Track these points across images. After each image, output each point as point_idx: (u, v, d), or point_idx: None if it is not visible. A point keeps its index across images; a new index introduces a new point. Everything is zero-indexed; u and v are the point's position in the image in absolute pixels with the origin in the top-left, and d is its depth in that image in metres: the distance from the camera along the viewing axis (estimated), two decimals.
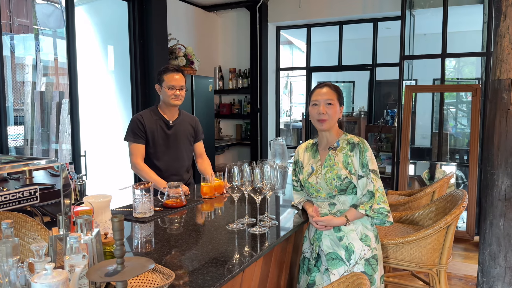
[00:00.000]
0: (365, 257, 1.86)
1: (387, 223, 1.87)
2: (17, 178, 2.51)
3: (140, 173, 2.61)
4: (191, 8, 5.57)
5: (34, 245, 1.06)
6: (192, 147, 2.90)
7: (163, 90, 2.66)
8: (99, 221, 1.62)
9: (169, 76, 2.64)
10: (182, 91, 2.68)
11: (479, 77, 6.47)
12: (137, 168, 2.62)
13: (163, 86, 2.66)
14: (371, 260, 1.87)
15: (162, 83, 2.66)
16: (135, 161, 2.62)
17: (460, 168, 5.38)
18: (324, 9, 5.42)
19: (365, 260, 1.86)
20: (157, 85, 2.72)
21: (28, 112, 4.71)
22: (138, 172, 2.63)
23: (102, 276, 1.02)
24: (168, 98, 2.66)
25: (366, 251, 1.86)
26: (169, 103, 2.68)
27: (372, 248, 1.88)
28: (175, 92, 2.64)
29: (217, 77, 6.00)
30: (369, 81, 5.92)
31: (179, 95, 2.66)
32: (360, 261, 1.85)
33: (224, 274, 1.39)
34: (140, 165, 2.62)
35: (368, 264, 1.86)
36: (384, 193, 1.86)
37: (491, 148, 2.80)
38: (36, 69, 4.94)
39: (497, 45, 2.75)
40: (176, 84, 2.64)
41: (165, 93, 2.65)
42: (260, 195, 1.89)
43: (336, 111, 1.96)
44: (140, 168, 2.60)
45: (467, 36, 6.02)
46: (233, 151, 6.28)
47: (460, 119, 7.80)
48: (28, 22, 5.63)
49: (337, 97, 1.98)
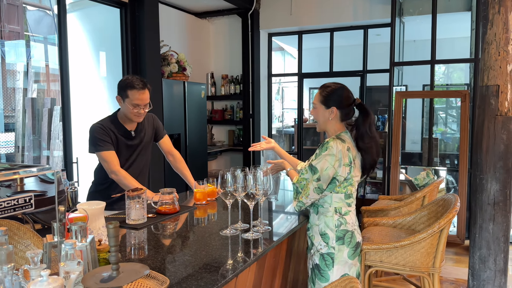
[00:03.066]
0: (321, 251, 2.03)
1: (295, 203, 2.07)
2: (8, 186, 2.50)
3: (123, 181, 2.40)
4: (183, 15, 5.60)
5: (29, 252, 1.06)
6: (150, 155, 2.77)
7: (126, 106, 2.47)
8: (92, 228, 1.62)
9: (134, 94, 2.43)
10: (146, 110, 2.51)
11: (468, 83, 6.57)
12: (119, 175, 2.41)
13: (125, 101, 2.46)
14: (325, 256, 2.02)
15: (125, 98, 2.46)
16: (115, 168, 2.43)
17: (450, 172, 5.44)
18: (315, 16, 5.48)
19: (320, 254, 2.03)
20: (118, 96, 2.50)
21: (19, 119, 4.68)
22: (119, 180, 2.42)
23: (97, 283, 1.03)
24: (130, 115, 2.49)
25: (323, 246, 2.03)
26: (129, 119, 2.53)
27: (329, 246, 2.01)
28: (139, 110, 2.47)
29: (210, 83, 6.02)
30: (360, 87, 5.98)
31: (142, 114, 2.51)
32: (316, 253, 2.04)
33: (217, 279, 1.40)
34: (121, 172, 2.43)
35: (322, 259, 2.03)
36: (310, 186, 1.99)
37: (480, 153, 2.85)
38: (27, 75, 4.92)
39: (484, 52, 2.82)
40: (141, 103, 2.46)
41: (128, 109, 2.47)
42: (253, 200, 1.90)
43: (318, 113, 2.08)
44: (123, 176, 2.42)
45: (456, 42, 6.12)
46: (225, 157, 6.29)
47: (450, 124, 7.89)
48: (19, 28, 5.61)
49: (320, 99, 2.07)
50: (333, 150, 1.95)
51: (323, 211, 2.05)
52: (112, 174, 2.45)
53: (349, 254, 2.02)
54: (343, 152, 1.97)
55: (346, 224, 2.03)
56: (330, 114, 2.05)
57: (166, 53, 4.83)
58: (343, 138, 2.02)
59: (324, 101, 2.06)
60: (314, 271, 2.04)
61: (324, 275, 2.00)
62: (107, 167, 2.46)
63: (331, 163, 1.95)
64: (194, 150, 5.07)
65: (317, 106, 2.08)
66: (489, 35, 2.77)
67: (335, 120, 2.07)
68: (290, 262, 2.22)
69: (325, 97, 2.06)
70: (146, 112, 2.54)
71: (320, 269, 2.02)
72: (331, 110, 2.04)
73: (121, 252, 1.71)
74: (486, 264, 2.85)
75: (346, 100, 2.06)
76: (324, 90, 2.08)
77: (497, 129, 2.77)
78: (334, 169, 1.96)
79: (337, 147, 1.96)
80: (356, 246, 2.06)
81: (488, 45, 2.78)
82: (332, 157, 1.95)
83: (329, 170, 1.95)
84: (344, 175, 1.98)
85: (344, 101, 2.05)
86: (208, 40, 6.14)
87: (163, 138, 2.81)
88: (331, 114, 2.04)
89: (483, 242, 2.84)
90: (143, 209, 2.10)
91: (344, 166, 1.97)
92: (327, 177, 1.96)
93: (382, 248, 2.20)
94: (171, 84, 4.68)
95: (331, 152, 1.95)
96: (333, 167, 1.95)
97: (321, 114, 2.08)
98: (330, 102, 2.05)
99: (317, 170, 1.96)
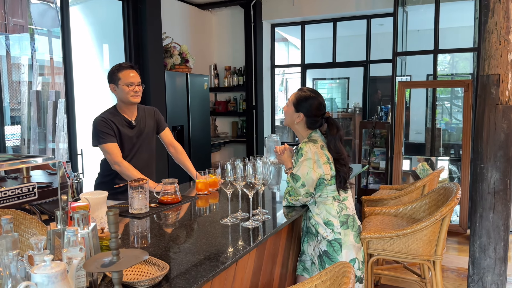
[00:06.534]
0: (327, 238, 2.09)
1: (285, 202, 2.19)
2: (15, 177, 2.55)
3: (126, 172, 2.45)
4: (186, 6, 5.61)
5: (33, 238, 1.10)
6: (155, 149, 2.81)
7: (120, 89, 2.52)
8: (95, 217, 1.67)
9: (125, 73, 2.51)
10: (140, 87, 2.57)
11: (472, 72, 6.53)
12: (121, 166, 2.46)
13: (119, 85, 2.52)
14: (333, 242, 2.09)
15: (117, 81, 2.52)
16: (117, 159, 2.47)
17: (454, 163, 5.44)
18: (318, 6, 5.47)
19: (327, 241, 2.10)
20: (111, 85, 2.56)
21: (24, 112, 4.74)
22: (122, 171, 2.47)
23: (98, 267, 1.07)
24: (127, 96, 2.53)
25: (329, 233, 2.10)
26: (128, 101, 2.55)
27: (335, 232, 2.08)
28: (134, 88, 2.52)
29: (212, 75, 6.04)
30: (363, 78, 5.97)
31: (138, 92, 2.55)
32: (323, 240, 2.11)
33: (217, 265, 1.44)
34: (124, 163, 2.48)
35: (330, 245, 2.09)
36: (299, 191, 2.08)
37: (480, 143, 2.86)
38: (32, 68, 4.96)
39: (485, 41, 2.81)
40: (134, 80, 2.52)
41: (123, 91, 2.52)
42: (253, 190, 1.94)
43: (288, 112, 2.21)
44: (125, 167, 2.47)
45: (459, 31, 6.08)
46: (229, 148, 6.33)
47: (455, 114, 7.86)
48: (23, 22, 5.64)
49: (293, 101, 2.18)
50: (309, 154, 2.06)
51: (322, 200, 2.12)
52: (115, 165, 2.49)
53: (354, 237, 2.12)
54: (318, 152, 2.07)
55: (347, 209, 2.13)
56: (297, 118, 2.17)
57: (168, 45, 4.85)
58: (314, 138, 2.13)
59: (296, 104, 2.17)
60: (323, 258, 2.10)
61: (334, 260, 2.07)
62: (110, 159, 2.51)
63: (310, 167, 2.04)
64: (198, 142, 5.11)
65: (289, 105, 2.21)
66: (490, 24, 2.76)
67: (300, 125, 2.19)
68: (290, 251, 2.26)
69: (297, 100, 2.17)
70: (141, 90, 2.59)
71: (329, 255, 2.08)
72: (299, 115, 2.16)
73: (124, 241, 1.75)
74: (486, 253, 2.87)
75: (315, 110, 2.14)
76: (299, 93, 2.18)
77: (498, 118, 2.77)
78: (315, 171, 2.04)
79: (311, 150, 2.06)
80: (358, 230, 2.17)
81: (489, 34, 2.77)
82: (309, 161, 2.05)
83: (311, 174, 2.04)
84: (328, 172, 2.08)
85: (313, 111, 2.14)
86: (210, 31, 6.14)
87: (164, 130, 2.84)
88: (298, 118, 2.16)
89: (483, 230, 2.85)
90: (145, 199, 2.14)
91: (324, 165, 2.07)
92: (311, 181, 2.05)
93: (385, 236, 2.23)
94: (174, 76, 4.70)
95: (307, 156, 2.05)
96: (313, 170, 2.04)
97: (290, 114, 2.20)
98: (299, 107, 2.16)
99: (299, 177, 2.06)
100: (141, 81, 2.59)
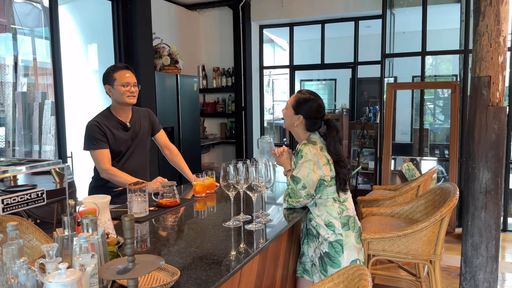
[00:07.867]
0: (329, 240, 2.10)
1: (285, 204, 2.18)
2: (1, 180, 2.47)
3: (115, 178, 2.42)
4: (174, 7, 5.56)
5: (45, 246, 1.07)
6: (148, 151, 2.77)
7: (116, 89, 2.48)
8: (98, 222, 1.63)
9: (121, 74, 2.48)
10: (136, 88, 2.53)
11: (456, 74, 6.66)
12: (110, 173, 2.43)
13: (115, 85, 2.47)
14: (334, 244, 2.08)
15: (113, 82, 2.48)
16: (105, 166, 2.44)
17: (440, 162, 5.54)
18: (307, 8, 5.49)
19: (328, 243, 2.10)
20: (106, 86, 2.52)
21: (9, 114, 4.61)
22: (111, 177, 2.44)
23: (114, 274, 1.04)
24: (123, 97, 2.48)
25: (330, 235, 2.10)
26: (124, 102, 2.51)
27: (337, 233, 2.09)
28: (129, 89, 2.48)
29: (201, 75, 6.00)
30: (351, 79, 6.02)
31: (134, 92, 2.51)
32: (324, 242, 2.11)
33: (227, 270, 1.43)
34: (112, 169, 2.44)
35: (331, 247, 2.09)
36: (299, 193, 2.09)
37: (472, 143, 2.91)
38: (16, 69, 4.84)
39: (476, 44, 2.86)
40: (130, 80, 2.49)
41: (119, 91, 2.47)
42: (256, 192, 1.93)
43: (287, 115, 2.22)
44: (113, 173, 2.43)
45: (445, 34, 6.19)
46: (218, 150, 6.30)
47: (438, 115, 8.01)
48: (5, 21, 5.50)
49: (293, 103, 2.19)
50: (308, 156, 2.06)
51: (323, 202, 2.13)
52: (103, 173, 2.45)
53: (355, 238, 2.12)
54: (318, 154, 2.08)
55: (347, 210, 2.14)
56: (296, 120, 2.18)
57: (158, 46, 4.80)
58: (313, 140, 2.14)
59: (295, 106, 2.18)
60: (324, 260, 2.10)
61: (335, 261, 2.08)
62: (98, 166, 2.47)
63: (310, 168, 2.05)
64: (188, 144, 5.07)
65: (288, 108, 2.22)
66: (481, 26, 2.82)
67: (300, 128, 2.20)
68: (290, 253, 2.25)
69: (296, 103, 2.18)
70: (137, 91, 2.55)
71: (330, 257, 2.09)
72: (298, 117, 2.17)
73: None
74: (478, 251, 2.92)
75: (314, 112, 2.16)
76: (299, 96, 2.19)
77: (489, 119, 2.83)
78: (315, 172, 2.05)
79: (311, 152, 2.07)
80: (359, 231, 2.19)
81: (480, 37, 2.83)
82: (309, 163, 2.05)
83: (311, 175, 2.04)
84: (328, 173, 2.09)
85: (313, 113, 2.16)
86: (199, 32, 6.10)
87: (159, 132, 2.81)
88: (297, 120, 2.17)
89: (475, 229, 2.91)
90: (144, 202, 2.10)
91: (324, 166, 2.08)
92: (312, 182, 2.05)
93: (386, 237, 2.25)
94: (164, 77, 4.66)
95: (307, 158, 2.06)
96: (314, 171, 2.05)
97: (289, 117, 2.21)
98: (299, 109, 2.17)
99: (299, 179, 2.06)
100: (137, 81, 2.56)
